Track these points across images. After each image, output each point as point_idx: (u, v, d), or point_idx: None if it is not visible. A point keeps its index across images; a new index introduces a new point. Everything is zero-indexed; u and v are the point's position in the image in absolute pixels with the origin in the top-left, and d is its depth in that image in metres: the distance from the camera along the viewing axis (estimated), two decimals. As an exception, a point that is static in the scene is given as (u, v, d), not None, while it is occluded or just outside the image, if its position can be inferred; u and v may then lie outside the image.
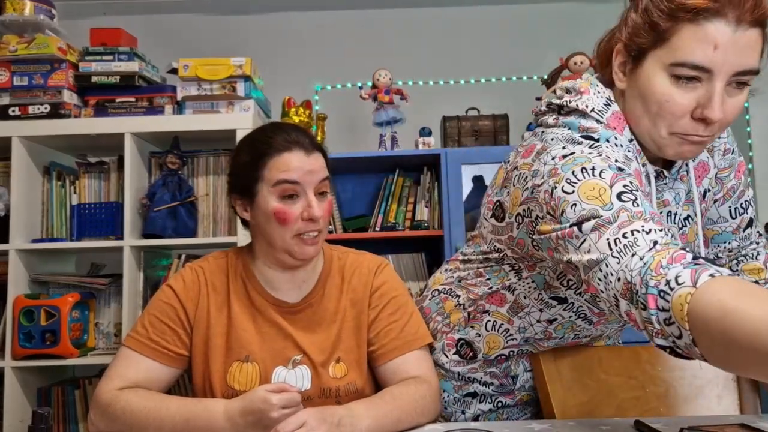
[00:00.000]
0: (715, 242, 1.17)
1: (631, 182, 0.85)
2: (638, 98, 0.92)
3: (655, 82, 0.89)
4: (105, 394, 1.09)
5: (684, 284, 0.68)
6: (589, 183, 0.84)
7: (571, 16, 3.05)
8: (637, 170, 0.91)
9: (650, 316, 0.71)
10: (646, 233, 0.77)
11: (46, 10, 2.24)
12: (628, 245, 0.77)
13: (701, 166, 1.07)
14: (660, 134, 0.92)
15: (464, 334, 1.19)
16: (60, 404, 2.19)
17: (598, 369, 1.20)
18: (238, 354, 1.16)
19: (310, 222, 1.13)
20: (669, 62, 0.87)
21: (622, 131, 0.95)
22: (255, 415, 0.97)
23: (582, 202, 0.83)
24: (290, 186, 1.12)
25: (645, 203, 0.82)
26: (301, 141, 1.16)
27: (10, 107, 2.18)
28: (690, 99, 0.88)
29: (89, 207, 2.27)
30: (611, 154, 0.89)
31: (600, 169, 0.85)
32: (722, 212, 1.14)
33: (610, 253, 0.78)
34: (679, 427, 0.98)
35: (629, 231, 0.78)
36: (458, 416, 1.23)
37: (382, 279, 1.24)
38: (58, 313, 2.07)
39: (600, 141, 0.93)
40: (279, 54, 3.05)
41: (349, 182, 2.81)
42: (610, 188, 0.83)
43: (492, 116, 2.67)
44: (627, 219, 0.79)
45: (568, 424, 1.07)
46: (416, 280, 2.66)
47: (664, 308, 0.69)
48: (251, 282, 1.21)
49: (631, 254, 0.76)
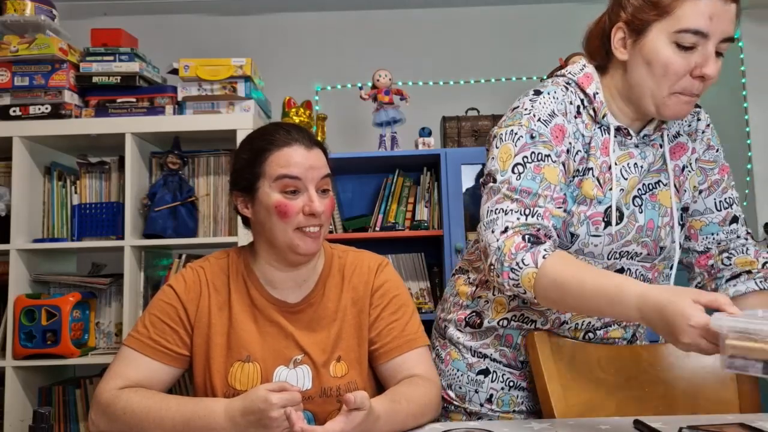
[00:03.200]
0: (704, 233, 1.25)
1: (532, 153, 1.10)
2: (643, 65, 1.09)
3: (660, 49, 1.07)
4: (105, 394, 1.09)
5: (529, 265, 1.02)
6: (507, 146, 1.12)
7: (571, 16, 3.03)
8: (558, 125, 1.12)
9: (503, 282, 1.05)
10: (505, 214, 1.08)
11: (47, 10, 2.24)
12: (491, 222, 1.09)
13: (679, 146, 1.22)
14: (662, 94, 1.08)
15: (474, 306, 1.26)
16: (61, 404, 2.19)
17: (597, 368, 1.20)
18: (239, 354, 1.16)
19: (311, 217, 1.14)
20: (673, 30, 1.05)
21: (588, 86, 1.16)
22: (255, 414, 0.97)
23: (496, 159, 1.12)
24: (291, 181, 1.13)
25: (527, 178, 1.09)
26: (301, 137, 1.17)
27: (11, 107, 2.18)
28: (689, 61, 1.05)
29: (90, 207, 2.28)
30: (541, 109, 1.12)
31: (519, 135, 1.11)
32: (708, 204, 1.24)
33: (483, 221, 1.11)
34: (679, 427, 0.98)
35: (498, 208, 1.09)
36: (471, 395, 1.26)
37: (383, 278, 1.25)
38: (58, 313, 2.07)
39: (542, 94, 1.14)
40: (279, 54, 3.06)
41: (349, 182, 2.81)
42: (513, 157, 1.10)
43: (492, 116, 2.67)
44: (502, 196, 1.09)
45: (568, 424, 1.08)
46: (416, 280, 2.66)
47: (514, 279, 1.04)
48: (252, 282, 1.21)
49: (491, 230, 1.08)
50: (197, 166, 2.33)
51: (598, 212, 1.14)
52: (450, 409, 1.29)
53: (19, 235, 2.14)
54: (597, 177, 1.14)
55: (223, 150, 2.32)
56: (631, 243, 1.17)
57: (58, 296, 2.14)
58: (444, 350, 1.30)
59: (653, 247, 1.18)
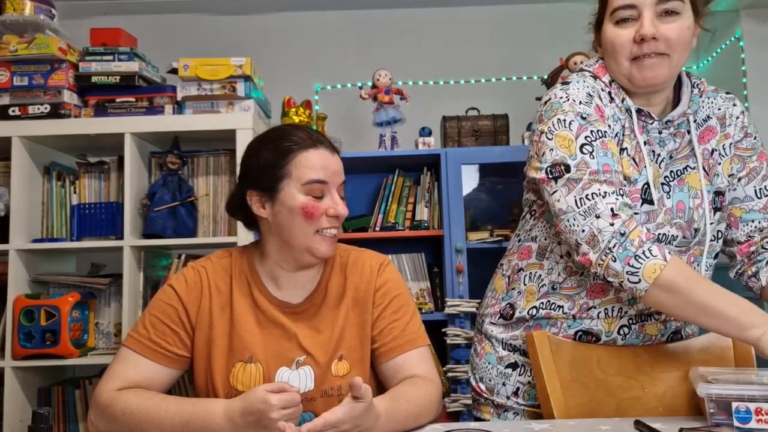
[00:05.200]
0: (744, 221, 1.24)
1: (592, 131, 1.14)
2: (605, 52, 1.21)
3: (607, 32, 1.19)
4: (104, 395, 1.09)
5: (657, 257, 1.05)
6: (562, 133, 1.15)
7: (571, 16, 3.03)
8: (598, 105, 1.18)
9: (618, 267, 1.07)
10: (603, 197, 1.10)
11: (46, 10, 2.24)
12: (590, 208, 1.10)
13: (708, 129, 1.25)
14: (624, 66, 1.18)
15: (508, 299, 1.30)
16: (60, 404, 2.19)
17: (597, 369, 1.20)
18: (241, 355, 1.16)
19: (334, 219, 1.16)
20: (609, 14, 1.18)
21: (603, 75, 1.23)
22: (255, 415, 0.97)
23: (557, 149, 1.15)
24: (319, 186, 1.15)
25: (599, 155, 1.12)
26: (325, 140, 1.20)
27: (10, 107, 2.18)
28: (630, 32, 1.15)
29: (89, 207, 2.27)
30: (576, 93, 1.18)
31: (569, 120, 1.15)
32: (747, 191, 1.24)
33: (577, 211, 1.11)
34: (679, 428, 0.98)
35: (590, 193, 1.11)
36: (499, 388, 1.29)
37: (385, 277, 1.25)
38: (58, 313, 2.07)
39: (571, 83, 1.20)
40: (279, 54, 3.06)
41: (349, 182, 2.77)
42: (575, 140, 1.13)
43: (492, 116, 2.67)
44: (587, 181, 1.11)
45: (568, 424, 1.08)
46: (416, 280, 2.66)
47: (635, 266, 1.05)
48: (255, 282, 1.20)
49: (595, 215, 1.09)
50: (197, 166, 2.33)
51: (636, 189, 1.17)
52: (480, 401, 1.32)
53: (18, 235, 2.14)
54: (633, 156, 1.18)
55: (223, 150, 2.32)
56: (665, 225, 1.18)
57: (57, 296, 2.14)
58: (480, 344, 1.34)
59: (687, 228, 1.19)
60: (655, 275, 1.04)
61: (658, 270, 1.04)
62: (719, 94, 1.27)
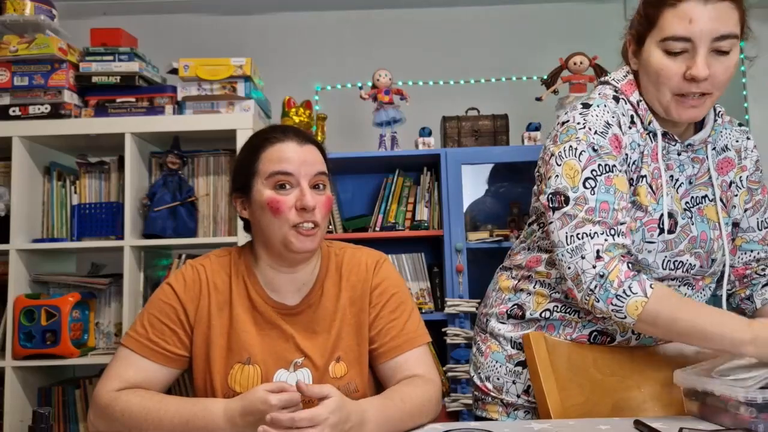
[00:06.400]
0: (743, 250, 1.28)
1: (599, 165, 1.13)
2: (645, 73, 1.17)
3: (653, 58, 1.14)
4: (104, 395, 1.09)
5: (637, 294, 1.07)
6: (570, 162, 1.14)
7: (571, 16, 3.05)
8: (615, 135, 1.15)
9: (602, 306, 1.10)
10: (591, 238, 1.10)
11: (46, 10, 2.24)
12: (578, 248, 1.11)
13: (727, 161, 1.25)
14: (665, 98, 1.14)
15: (516, 300, 1.30)
16: (60, 404, 2.20)
17: (593, 369, 1.20)
18: (239, 355, 1.15)
19: (304, 212, 1.12)
20: (659, 39, 1.12)
21: (631, 94, 1.20)
22: (254, 415, 0.97)
23: (561, 177, 1.14)
24: (283, 177, 1.13)
25: (601, 191, 1.12)
26: (294, 134, 1.18)
27: (11, 107, 2.19)
28: (680, 66, 1.11)
29: (90, 207, 2.28)
30: (594, 122, 1.15)
31: (581, 150, 1.14)
32: (751, 223, 1.28)
33: (566, 248, 1.13)
34: (679, 427, 0.98)
35: (581, 233, 1.11)
36: (509, 387, 1.28)
37: (381, 276, 1.24)
38: (58, 313, 2.07)
39: (591, 106, 1.18)
40: (279, 54, 3.05)
41: (349, 182, 2.81)
42: (581, 171, 1.13)
43: (492, 116, 2.67)
44: (581, 219, 1.11)
45: (567, 424, 1.08)
46: (416, 280, 2.66)
47: (618, 305, 1.08)
48: (252, 283, 1.20)
49: (580, 256, 1.11)
50: (197, 166, 2.33)
51: (654, 219, 1.16)
52: (487, 401, 1.32)
53: (18, 235, 2.14)
54: (650, 184, 1.18)
55: (223, 150, 2.32)
56: (684, 253, 1.18)
57: (57, 296, 2.14)
58: (485, 344, 1.34)
59: (705, 258, 1.20)
60: (638, 312, 1.07)
61: (640, 307, 1.07)
62: (734, 126, 1.29)
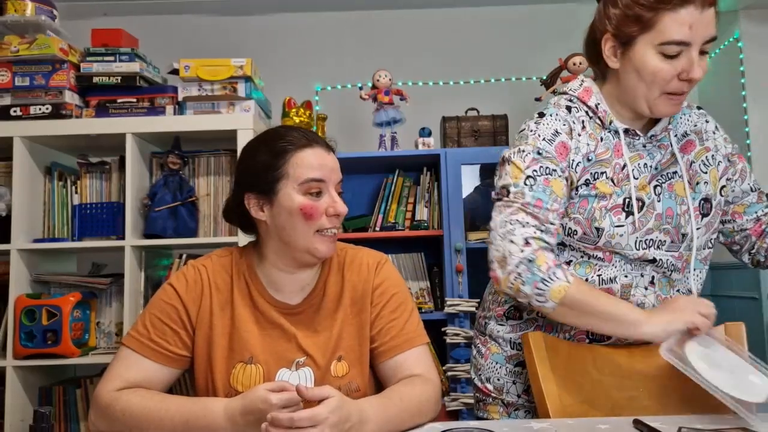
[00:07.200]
0: (748, 214, 1.34)
1: (540, 167, 1.21)
2: (633, 72, 1.19)
3: (648, 60, 1.16)
4: (105, 395, 1.09)
5: (561, 279, 1.14)
6: (517, 162, 1.23)
7: (571, 16, 3.04)
8: (563, 143, 1.23)
9: (527, 290, 1.15)
10: (522, 226, 1.17)
11: (47, 10, 2.25)
12: (509, 232, 1.18)
13: (688, 142, 1.30)
14: (654, 96, 1.18)
15: (511, 301, 1.32)
16: (61, 403, 2.20)
17: (592, 368, 1.21)
18: (241, 355, 1.16)
19: (334, 218, 1.16)
20: (657, 42, 1.15)
21: (588, 99, 1.26)
22: (255, 414, 0.97)
23: (508, 175, 1.23)
24: (317, 184, 1.15)
25: (538, 190, 1.19)
26: (319, 139, 1.19)
27: (12, 107, 2.19)
28: (675, 67, 1.15)
29: (90, 207, 2.28)
30: (544, 129, 1.24)
31: (527, 153, 1.22)
32: (744, 188, 1.34)
33: (498, 231, 1.20)
34: (678, 426, 0.99)
35: (514, 219, 1.18)
36: (509, 387, 1.31)
37: (383, 276, 1.24)
38: (59, 313, 2.07)
39: (545, 116, 1.25)
40: (279, 54, 3.06)
41: (349, 182, 2.78)
42: (523, 171, 1.21)
43: (491, 117, 2.68)
44: (516, 209, 1.19)
45: (567, 423, 1.08)
46: (416, 280, 2.67)
47: (541, 289, 1.14)
48: (254, 284, 1.20)
49: (509, 240, 1.17)
50: (197, 166, 2.34)
51: (617, 203, 1.21)
52: (488, 402, 1.34)
53: (19, 235, 2.15)
54: (611, 178, 1.22)
55: (224, 150, 2.33)
56: (654, 231, 1.22)
57: (58, 296, 2.15)
58: (484, 346, 1.36)
59: (675, 234, 1.24)
60: (560, 296, 1.14)
61: (563, 291, 1.13)
62: (692, 110, 1.34)
